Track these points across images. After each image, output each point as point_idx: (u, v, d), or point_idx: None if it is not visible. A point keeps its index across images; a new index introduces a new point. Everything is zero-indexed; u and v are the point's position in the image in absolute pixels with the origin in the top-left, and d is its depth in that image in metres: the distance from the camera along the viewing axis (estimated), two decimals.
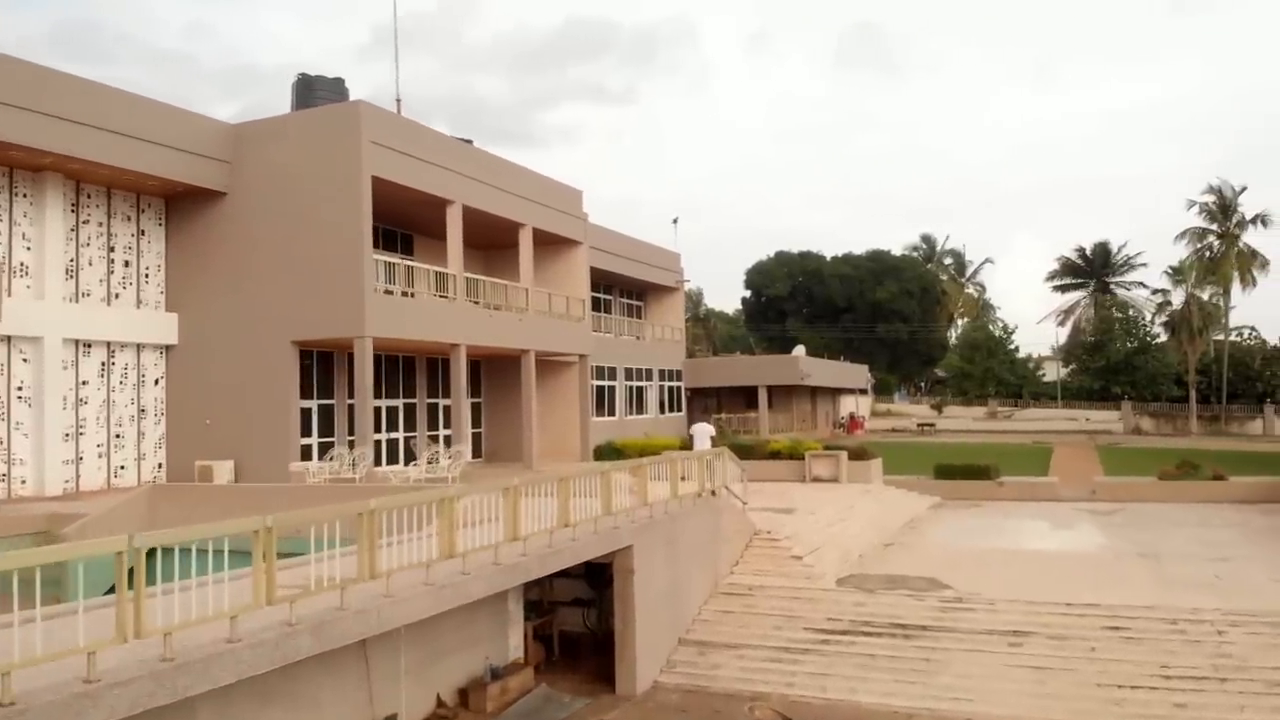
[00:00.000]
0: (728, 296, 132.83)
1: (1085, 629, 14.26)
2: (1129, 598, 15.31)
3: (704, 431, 26.21)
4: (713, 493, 17.18)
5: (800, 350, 50.81)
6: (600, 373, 36.72)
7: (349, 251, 22.87)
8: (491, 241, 31.55)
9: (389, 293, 24.03)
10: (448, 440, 31.61)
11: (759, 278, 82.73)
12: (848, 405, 65.35)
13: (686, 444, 32.15)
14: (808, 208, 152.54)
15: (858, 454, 29.96)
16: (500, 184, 27.83)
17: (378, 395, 28.07)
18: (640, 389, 40.45)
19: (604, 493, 13.20)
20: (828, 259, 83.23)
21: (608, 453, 31.25)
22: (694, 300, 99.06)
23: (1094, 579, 16.80)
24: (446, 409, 30.38)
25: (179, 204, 24.99)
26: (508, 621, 13.96)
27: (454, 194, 25.96)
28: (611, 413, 37.58)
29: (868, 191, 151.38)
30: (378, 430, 28.00)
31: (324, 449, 24.70)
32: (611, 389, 37.79)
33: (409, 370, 29.74)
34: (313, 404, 25.94)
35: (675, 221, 44.87)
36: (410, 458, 28.90)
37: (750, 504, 19.36)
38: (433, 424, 30.05)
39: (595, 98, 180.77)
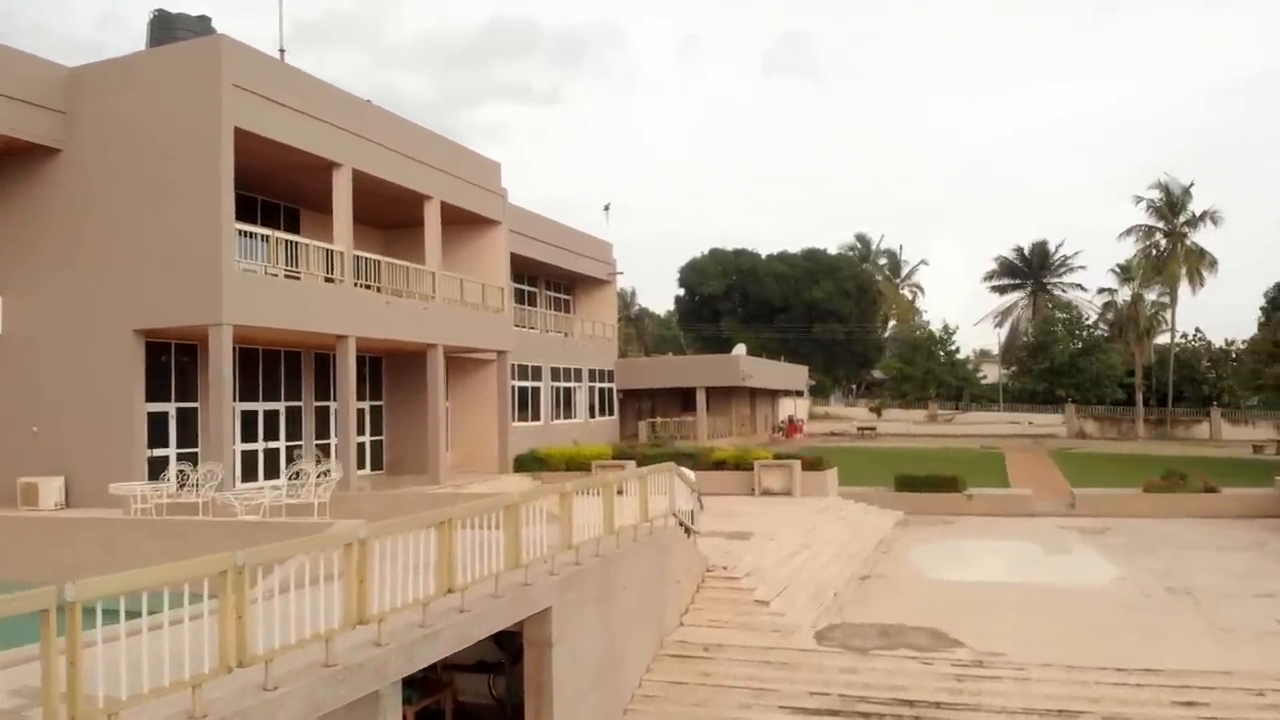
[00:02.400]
0: (659, 299, 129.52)
1: (1151, 706, 10.77)
2: (1189, 657, 11.93)
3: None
4: (648, 521, 13.31)
5: (741, 349, 47.34)
6: (523, 372, 32.66)
7: (204, 220, 18.53)
8: (394, 219, 27.32)
9: (266, 274, 19.76)
10: (358, 448, 27.39)
11: (693, 275, 79.32)
12: (786, 408, 62.17)
13: (621, 452, 28.35)
14: (739, 212, 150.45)
15: (812, 464, 26.53)
16: (401, 147, 23.64)
17: (250, 397, 23.76)
18: (568, 390, 36.46)
19: (510, 538, 9.26)
20: (763, 257, 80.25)
21: (529, 462, 27.23)
22: (626, 300, 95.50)
23: (1130, 627, 13.40)
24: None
25: (1, 164, 20.36)
26: (376, 710, 9.91)
27: (342, 155, 21.73)
28: (536, 417, 33.52)
29: (798, 197, 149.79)
30: (250, 439, 23.68)
31: (184, 461, 20.29)
32: (536, 390, 33.74)
33: (293, 368, 25.35)
34: (169, 408, 21.48)
35: (607, 209, 40.93)
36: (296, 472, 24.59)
37: (700, 528, 15.58)
38: (323, 432, 25.69)
39: (521, 98, 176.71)
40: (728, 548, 16.57)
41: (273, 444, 24.75)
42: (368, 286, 22.68)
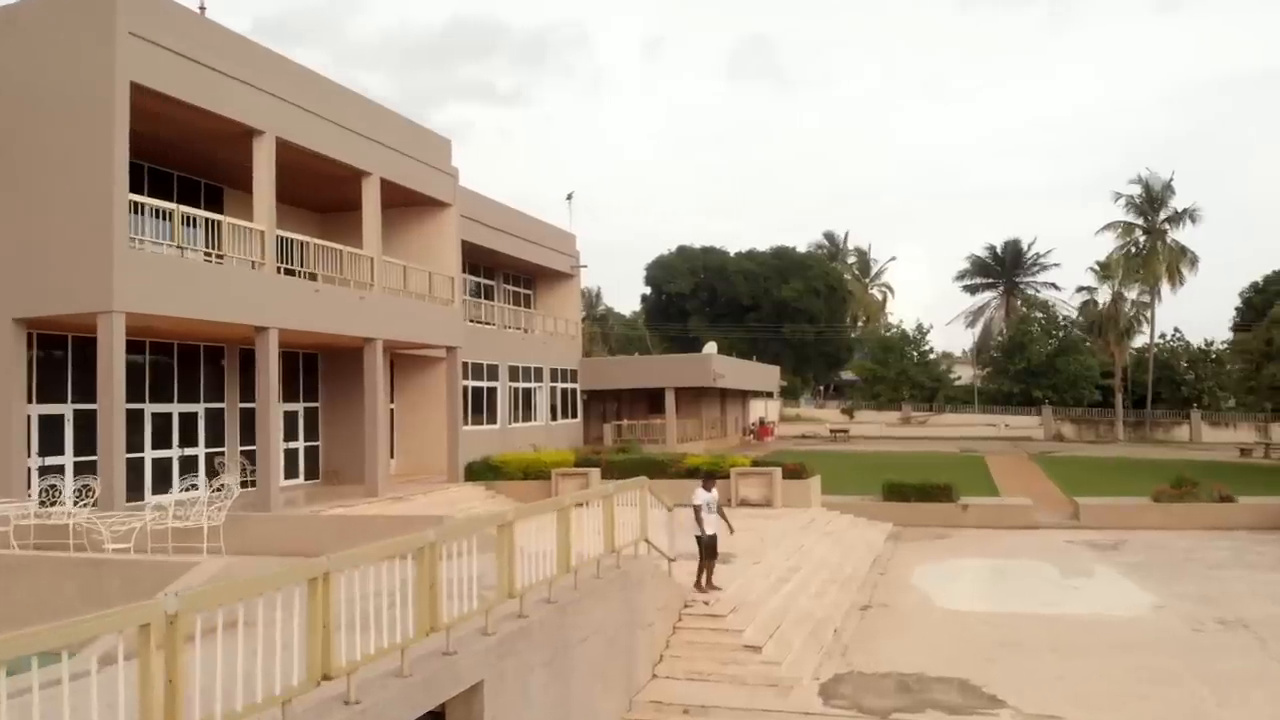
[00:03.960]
0: (626, 300, 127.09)
1: None
2: None
3: (706, 500, 13.66)
4: (614, 551, 10.78)
5: (712, 348, 44.91)
6: (478, 371, 30.01)
7: (93, 190, 15.75)
8: (332, 200, 24.63)
9: (183, 256, 17.02)
10: (290, 455, 24.64)
11: (660, 273, 76.85)
12: (757, 410, 59.90)
13: (586, 458, 25.79)
14: (706, 214, 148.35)
15: (794, 471, 24.11)
16: (334, 116, 20.93)
17: (163, 397, 20.98)
18: (528, 391, 33.80)
19: (425, 594, 6.69)
20: (732, 255, 78.00)
21: (483, 470, 24.59)
22: (591, 299, 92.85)
23: (1196, 675, 11.08)
24: (280, 415, 23.49)
25: None
26: None
27: (264, 121, 18.99)
28: (492, 420, 30.85)
29: (765, 200, 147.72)
30: (163, 445, 20.87)
31: (85, 472, 17.54)
32: (492, 391, 31.06)
33: (215, 364, 22.57)
34: (64, 410, 18.70)
35: (569, 198, 38.19)
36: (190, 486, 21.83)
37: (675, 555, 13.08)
38: (249, 437, 22.83)
39: (485, 98, 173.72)
40: None
41: (190, 450, 21.96)
42: (294, 273, 19.97)
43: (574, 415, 37.86)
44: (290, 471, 24.62)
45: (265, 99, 19.15)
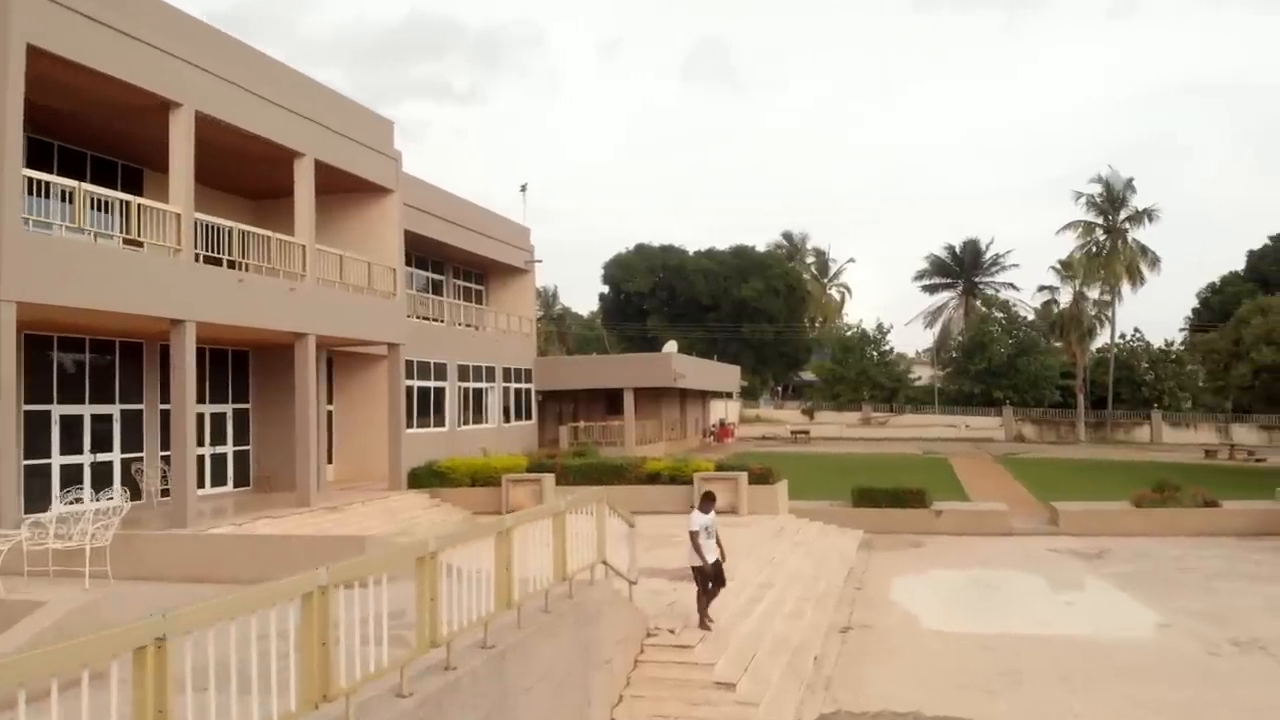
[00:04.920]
0: (583, 301, 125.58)
1: None
2: None
3: (705, 524, 11.46)
4: (566, 578, 9.21)
5: (672, 347, 43.44)
6: (425, 370, 28.25)
7: None
8: (266, 186, 22.75)
9: (95, 240, 15.18)
10: (217, 461, 22.78)
11: (618, 272, 75.31)
12: (717, 411, 58.57)
13: (537, 463, 24.15)
14: (663, 215, 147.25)
15: (761, 476, 22.69)
16: (263, 90, 19.13)
17: (73, 398, 19.03)
18: (479, 391, 32.07)
19: (311, 650, 5.08)
20: (691, 254, 76.71)
21: (427, 477, 22.86)
22: (548, 298, 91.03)
23: (1228, 707, 9.82)
24: (202, 417, 21.65)
25: None
26: None
27: (182, 93, 17.16)
28: (440, 422, 29.09)
29: (722, 203, 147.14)
30: (73, 451, 18.93)
31: None
32: (440, 391, 29.30)
33: (133, 362, 20.65)
34: None
35: (524, 189, 36.53)
36: (134, 490, 19.98)
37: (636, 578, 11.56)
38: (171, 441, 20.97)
39: (440, 96, 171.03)
40: (672, 596, 12.59)
41: (105, 456, 20.00)
42: (218, 262, 18.15)
43: (528, 417, 36.19)
44: (218, 478, 22.75)
45: (183, 68, 17.32)
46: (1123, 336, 63.59)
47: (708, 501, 11.57)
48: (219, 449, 22.88)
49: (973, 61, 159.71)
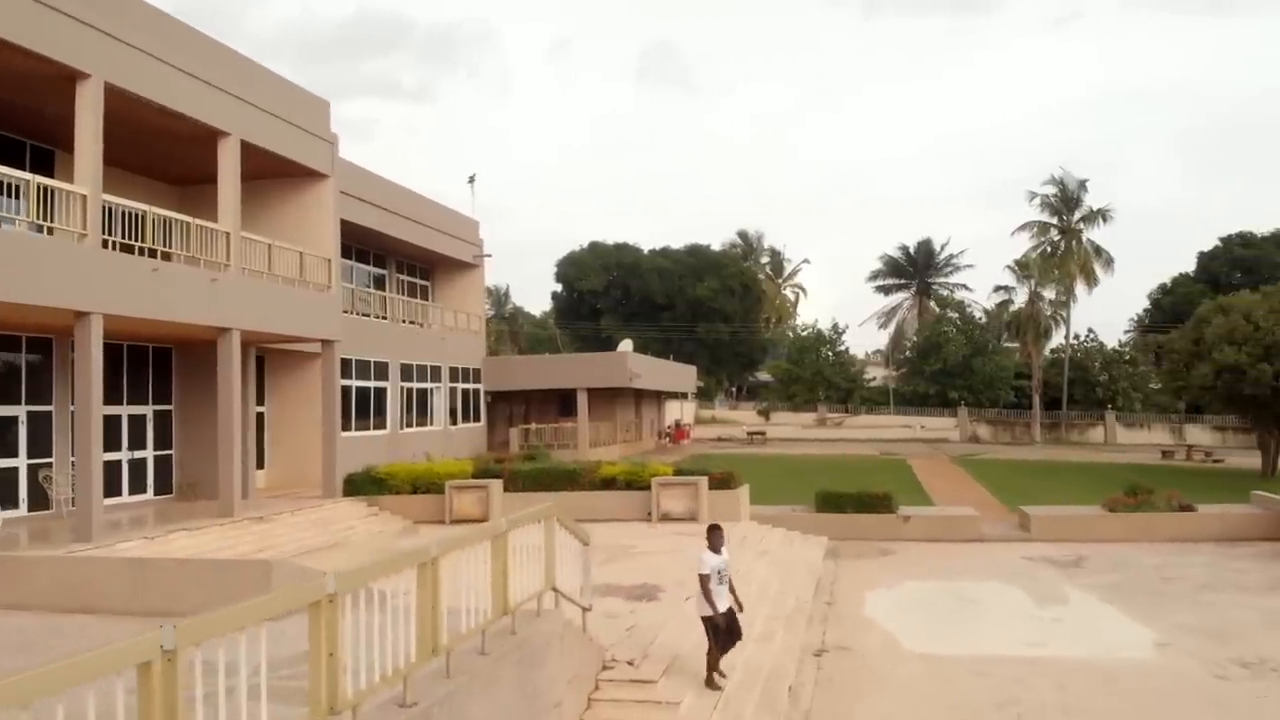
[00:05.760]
0: (536, 301, 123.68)
1: None
2: None
3: (716, 566, 9.81)
4: (508, 612, 7.85)
5: (627, 345, 42.15)
6: (364, 369, 26.67)
7: None
8: (190, 171, 21.10)
9: None
10: (136, 467, 21.06)
11: (571, 270, 73.90)
12: (673, 412, 57.38)
13: (484, 468, 22.69)
14: (616, 216, 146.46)
15: (721, 481, 21.48)
16: (184, 63, 17.49)
17: None
18: (424, 392, 30.51)
19: None
20: (645, 252, 75.51)
21: (365, 484, 21.28)
22: (499, 297, 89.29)
23: None
24: (119, 420, 20.03)
25: None
26: None
27: (89, 62, 15.50)
28: (381, 424, 27.51)
29: (675, 204, 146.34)
30: None
31: None
32: (381, 392, 27.71)
33: (41, 359, 18.89)
34: None
35: (471, 180, 34.96)
36: (43, 499, 18.33)
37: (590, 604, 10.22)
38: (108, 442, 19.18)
39: (390, 94, 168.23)
40: (630, 619, 11.30)
41: (9, 461, 18.28)
42: (131, 249, 16.49)
43: (476, 419, 34.68)
44: (137, 485, 21.04)
45: (91, 35, 15.66)
46: (1077, 337, 63.64)
47: (716, 537, 9.82)
48: (138, 454, 21.19)
49: (921, 66, 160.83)
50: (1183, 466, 40.83)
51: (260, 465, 23.49)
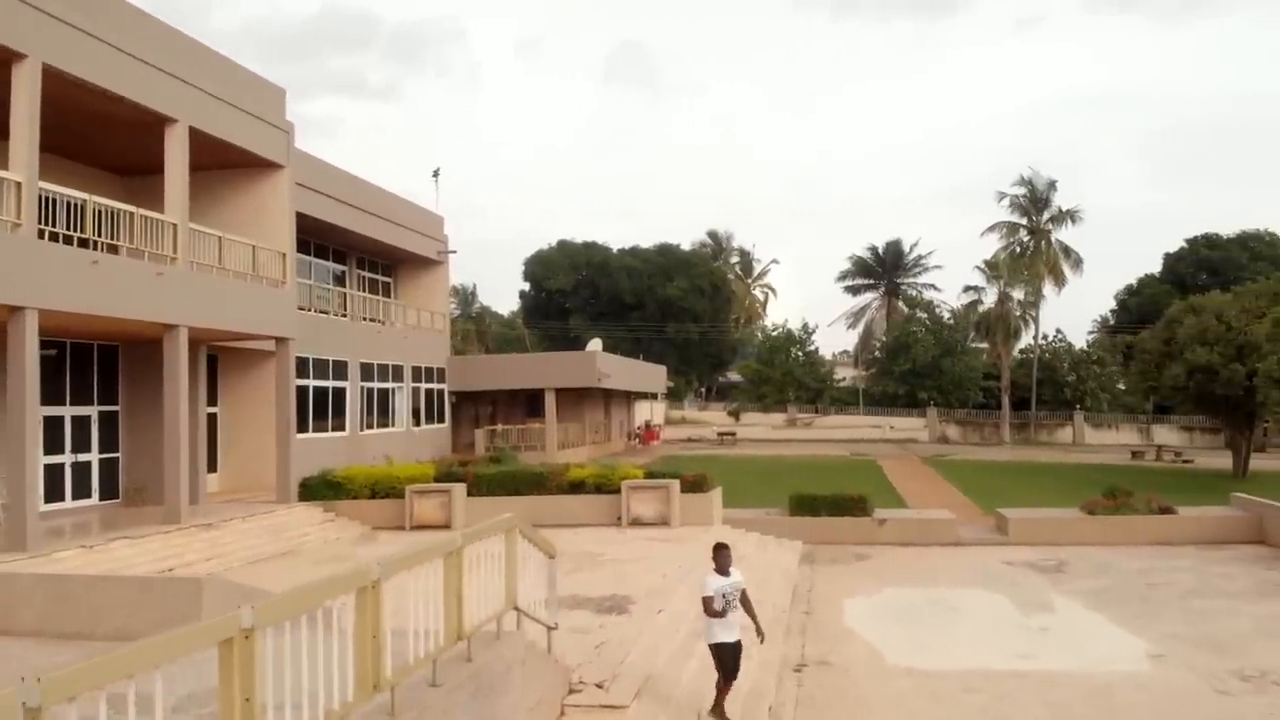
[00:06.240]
0: (503, 300, 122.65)
1: None
2: None
3: (721, 589, 8.86)
4: (462, 637, 7.10)
5: (596, 345, 41.38)
6: (322, 369, 25.75)
7: None
8: (138, 160, 20.17)
9: None
10: (80, 470, 20.04)
11: (539, 268, 73.01)
12: (642, 413, 56.69)
13: (447, 471, 21.84)
14: (584, 216, 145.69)
15: (693, 484, 20.83)
16: (128, 44, 16.55)
17: None
18: (385, 392, 29.59)
19: None
20: (614, 251, 74.76)
21: (321, 488, 20.41)
22: (466, 296, 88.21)
23: None
24: (62, 420, 19.05)
25: None
26: None
27: (26, 42, 14.56)
28: (340, 426, 26.58)
29: (644, 204, 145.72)
30: None
31: None
32: (340, 392, 26.78)
33: None
34: None
35: (436, 174, 34.06)
36: None
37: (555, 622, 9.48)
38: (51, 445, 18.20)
39: (357, 92, 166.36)
40: (599, 634, 10.57)
41: None
42: (71, 241, 15.54)
43: (440, 420, 33.78)
44: (81, 490, 20.03)
45: (28, 14, 14.76)
46: (1045, 337, 63.69)
47: (723, 556, 8.81)
48: (83, 456, 20.17)
49: (889, 68, 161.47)
50: (1153, 467, 40.72)
51: (212, 469, 22.54)
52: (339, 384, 26.61)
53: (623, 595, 12.72)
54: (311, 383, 24.93)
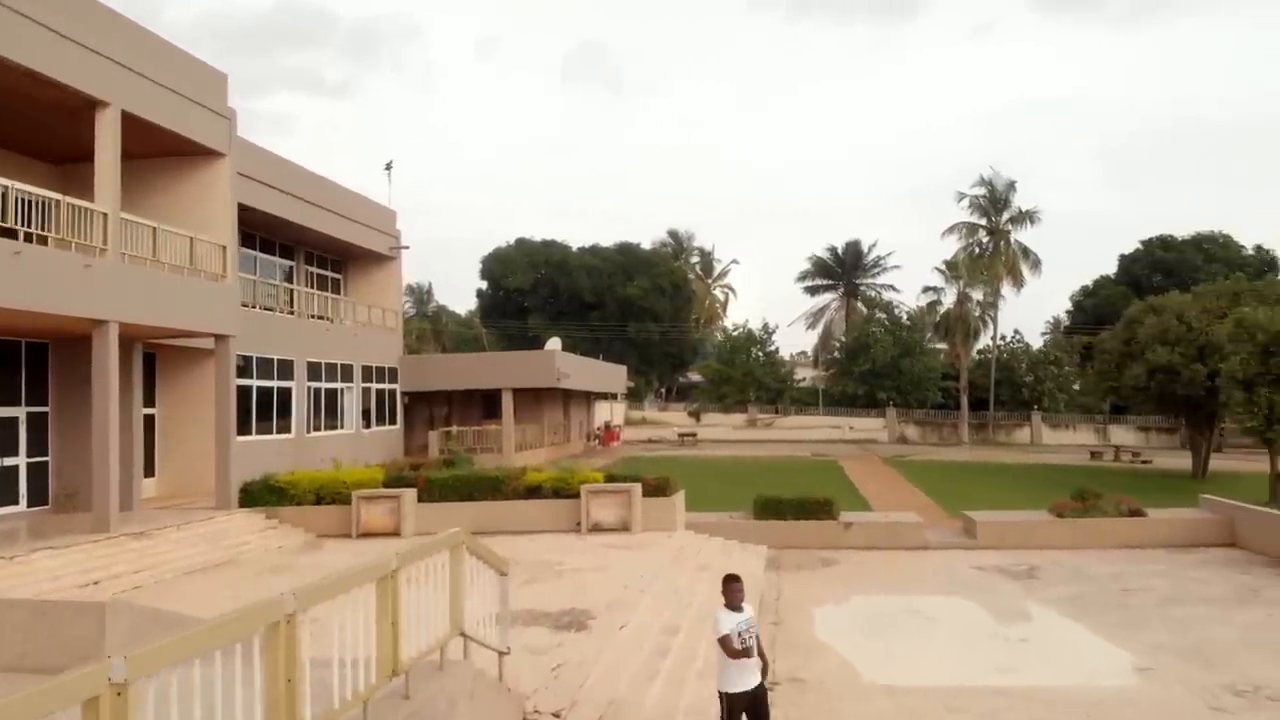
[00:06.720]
0: (460, 300, 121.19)
1: None
2: None
3: (737, 627, 7.26)
4: (398, 673, 6.28)
5: (555, 344, 40.50)
6: (266, 368, 24.66)
7: None
8: (70, 148, 19.08)
9: None
10: (6, 474, 18.86)
11: (497, 266, 71.91)
12: (602, 413, 55.89)
13: (397, 476, 20.90)
14: (542, 215, 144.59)
15: (655, 488, 20.12)
16: (56, 22, 15.48)
17: None
18: (334, 393, 28.51)
19: None
20: (574, 249, 73.85)
21: (263, 493, 19.37)
22: (422, 295, 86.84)
23: None
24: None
25: None
26: None
27: None
28: (286, 428, 25.48)
29: (603, 204, 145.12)
30: None
31: None
32: (286, 392, 25.68)
33: None
34: None
35: (389, 167, 33.03)
36: None
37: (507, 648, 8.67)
38: None
39: (312, 89, 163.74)
40: (557, 655, 9.79)
41: None
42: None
43: (393, 421, 32.72)
44: (7, 496, 18.91)
45: None
46: (1003, 338, 63.88)
47: (734, 590, 7.39)
48: (9, 460, 19.07)
49: (846, 70, 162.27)
50: (1112, 467, 40.73)
51: (150, 473, 21.43)
52: (284, 384, 25.49)
53: (582, 609, 11.95)
54: (255, 383, 23.85)
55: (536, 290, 71.24)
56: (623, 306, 69.74)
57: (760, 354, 71.30)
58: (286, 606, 4.42)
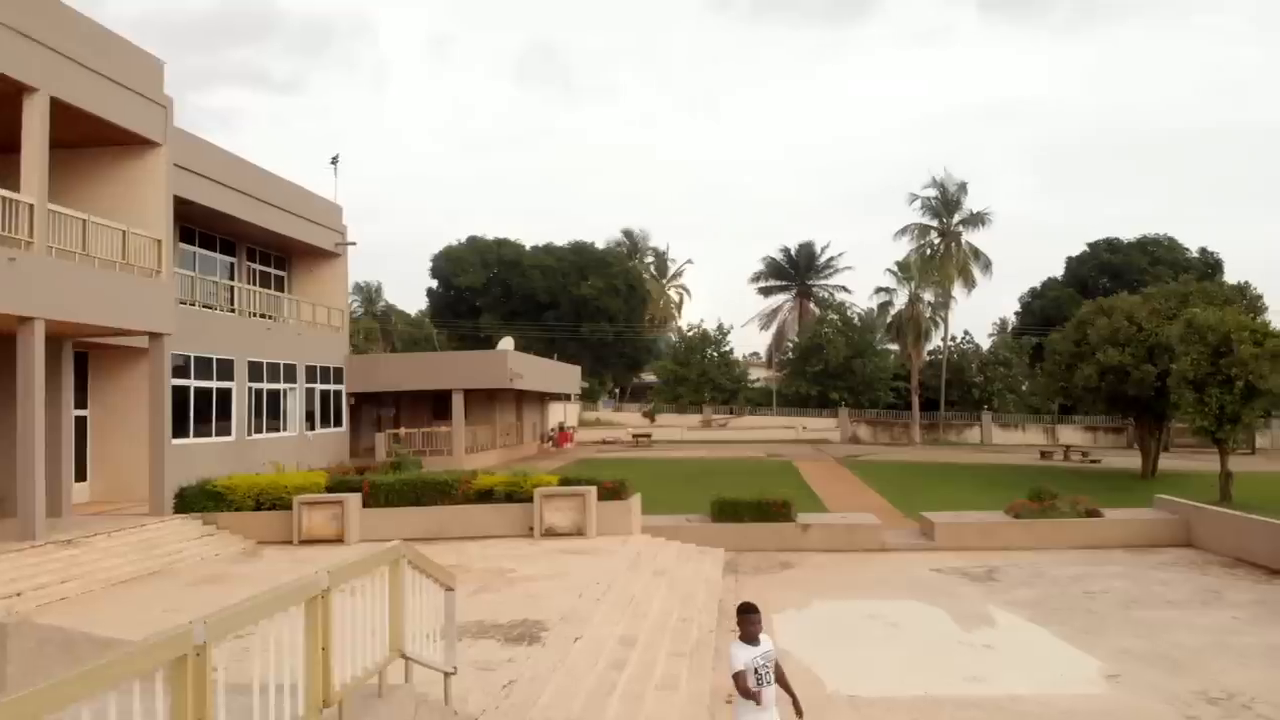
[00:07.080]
0: (410, 300, 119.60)
1: None
2: None
3: (753, 662, 6.88)
4: (330, 703, 5.71)
5: (508, 343, 39.81)
6: (205, 368, 23.74)
7: None
8: (2, 135, 17.97)
9: None
10: None
11: (448, 265, 70.98)
12: (556, 414, 55.26)
13: (340, 480, 20.14)
14: (494, 216, 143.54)
15: (611, 491, 19.64)
16: None
17: None
18: (276, 394, 27.59)
19: None
20: (527, 248, 73.15)
21: (200, 498, 18.50)
22: (370, 294, 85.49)
23: None
24: None
25: None
26: None
27: None
28: (226, 430, 24.55)
29: (555, 205, 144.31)
30: None
31: None
32: (226, 393, 24.76)
33: None
34: None
35: (335, 161, 32.21)
36: None
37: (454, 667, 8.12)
38: None
39: (258, 84, 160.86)
40: (508, 670, 9.24)
41: None
42: None
43: (338, 423, 31.84)
44: None
45: None
46: (954, 339, 64.37)
47: (750, 622, 6.98)
48: None
49: (797, 72, 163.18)
50: (1062, 467, 41.01)
51: (81, 477, 20.46)
52: (224, 384, 24.58)
53: (535, 620, 11.42)
54: (193, 383, 22.94)
55: (489, 289, 70.44)
56: (577, 306, 69.20)
57: (715, 354, 71.19)
58: (196, 638, 3.86)
